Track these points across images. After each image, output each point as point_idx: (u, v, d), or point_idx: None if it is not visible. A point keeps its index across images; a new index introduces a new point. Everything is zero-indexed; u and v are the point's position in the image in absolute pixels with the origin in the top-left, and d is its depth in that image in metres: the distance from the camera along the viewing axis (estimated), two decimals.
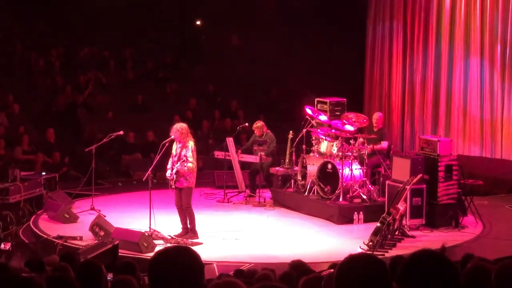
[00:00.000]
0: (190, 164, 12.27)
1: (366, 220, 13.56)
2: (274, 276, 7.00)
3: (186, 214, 12.63)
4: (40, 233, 13.05)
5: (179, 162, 12.28)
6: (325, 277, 5.07)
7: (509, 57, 17.10)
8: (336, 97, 15.63)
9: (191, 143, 12.33)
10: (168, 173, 12.48)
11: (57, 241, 12.30)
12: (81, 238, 12.42)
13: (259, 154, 15.52)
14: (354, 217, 13.67)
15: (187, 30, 23.72)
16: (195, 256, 3.59)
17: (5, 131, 18.35)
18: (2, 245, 11.57)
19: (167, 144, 12.49)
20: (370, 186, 14.26)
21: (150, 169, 12.60)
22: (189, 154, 12.26)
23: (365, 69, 20.03)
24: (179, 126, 12.43)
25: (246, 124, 16.68)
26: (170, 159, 12.50)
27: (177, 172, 12.31)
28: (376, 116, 15.17)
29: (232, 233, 13.09)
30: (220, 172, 16.43)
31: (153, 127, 19.56)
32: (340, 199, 14.01)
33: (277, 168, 15.75)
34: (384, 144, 14.83)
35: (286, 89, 22.29)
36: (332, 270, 5.61)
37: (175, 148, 12.44)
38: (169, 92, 22.20)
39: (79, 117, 20.39)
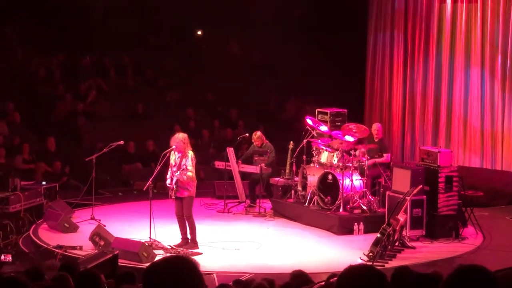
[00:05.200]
0: (189, 173, 12.27)
1: (366, 231, 13.56)
2: (270, 287, 6.97)
3: (187, 224, 12.57)
4: (40, 243, 13.02)
5: (178, 171, 12.29)
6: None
7: (509, 68, 17.11)
8: (336, 108, 15.65)
9: (190, 153, 12.35)
10: (168, 182, 12.49)
11: (57, 250, 12.26)
12: (81, 248, 12.38)
13: (259, 164, 15.52)
14: (354, 228, 13.67)
15: (187, 39, 23.72)
16: (193, 266, 3.49)
17: (5, 140, 18.31)
18: (3, 257, 11.53)
19: (168, 154, 12.49)
20: (370, 196, 14.24)
21: (150, 178, 12.57)
22: (189, 163, 12.26)
23: (366, 79, 20.01)
24: (181, 136, 12.46)
25: (247, 134, 16.67)
26: (169, 169, 12.50)
27: (177, 182, 12.31)
28: (375, 127, 15.17)
29: (232, 243, 13.06)
30: (221, 182, 16.42)
31: (153, 136, 19.51)
32: (341, 210, 14.00)
33: (277, 178, 15.74)
34: (386, 156, 14.82)
35: (287, 99, 22.29)
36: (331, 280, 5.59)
37: (173, 158, 12.42)
38: (169, 101, 22.16)
39: (79, 125, 20.33)
